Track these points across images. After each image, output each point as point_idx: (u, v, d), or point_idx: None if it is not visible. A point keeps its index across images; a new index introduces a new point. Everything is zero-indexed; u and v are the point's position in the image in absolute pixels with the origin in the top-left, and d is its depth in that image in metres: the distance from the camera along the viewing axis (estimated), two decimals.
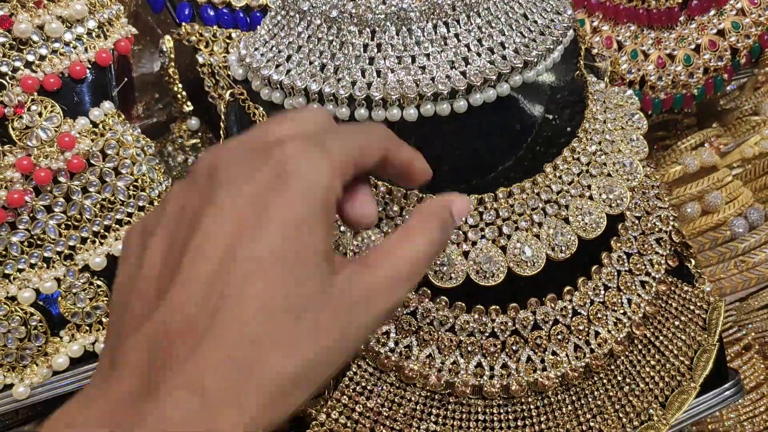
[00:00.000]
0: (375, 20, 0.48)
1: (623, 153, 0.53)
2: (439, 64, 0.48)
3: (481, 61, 0.48)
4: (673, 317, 0.54)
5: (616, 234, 0.52)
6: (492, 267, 0.48)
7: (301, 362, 0.30)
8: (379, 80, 0.47)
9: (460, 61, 0.48)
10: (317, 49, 0.49)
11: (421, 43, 0.48)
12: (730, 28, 0.74)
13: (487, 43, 0.49)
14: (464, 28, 0.48)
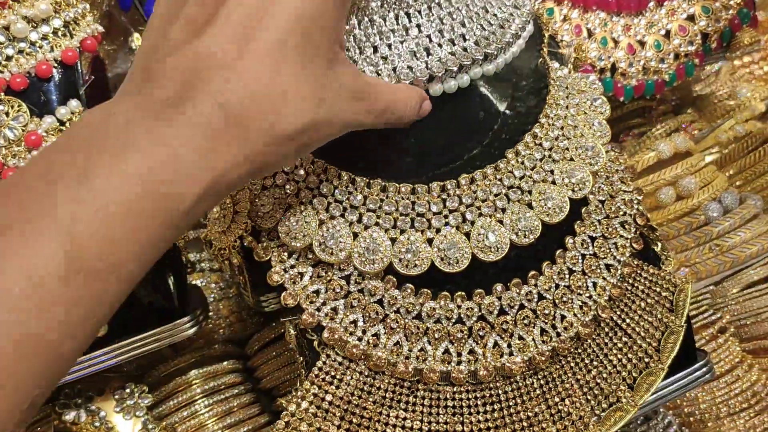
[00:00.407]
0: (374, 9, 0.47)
1: (585, 137, 0.53)
2: (400, 54, 0.48)
3: (442, 52, 0.48)
4: (639, 299, 0.54)
5: (580, 218, 0.52)
6: (456, 254, 0.48)
7: (303, 121, 0.36)
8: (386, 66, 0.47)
9: (422, 52, 0.48)
10: None
11: (382, 33, 0.48)
12: (700, 12, 0.74)
13: (448, 34, 0.49)
14: (425, 18, 0.48)
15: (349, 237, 0.48)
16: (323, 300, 0.49)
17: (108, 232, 0.31)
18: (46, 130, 0.55)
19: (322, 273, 0.50)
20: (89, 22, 0.59)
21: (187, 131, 0.33)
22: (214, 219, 0.51)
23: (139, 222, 0.32)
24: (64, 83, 0.57)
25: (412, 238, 0.48)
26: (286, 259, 0.50)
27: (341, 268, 0.49)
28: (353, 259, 0.48)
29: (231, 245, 0.51)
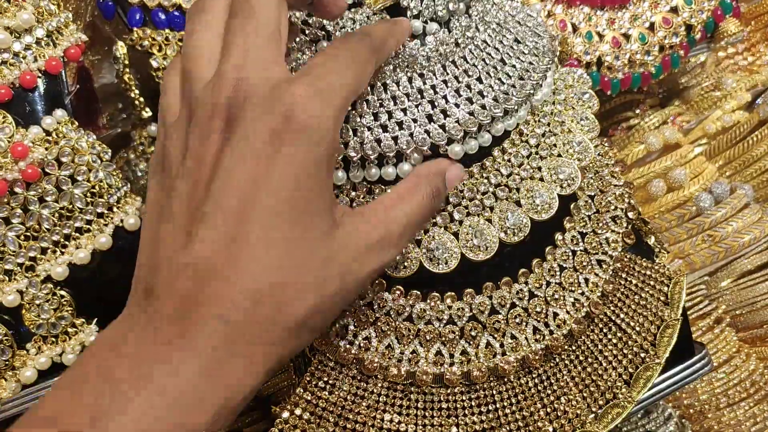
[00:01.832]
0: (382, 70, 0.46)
1: (573, 133, 0.51)
2: (416, 118, 0.46)
3: (459, 112, 0.46)
4: (633, 294, 0.52)
5: (569, 214, 0.50)
6: (445, 254, 0.46)
7: (307, 307, 0.34)
8: (356, 139, 0.45)
9: (439, 114, 0.46)
10: None
11: (397, 97, 0.46)
12: (683, 4, 0.72)
13: (465, 93, 0.47)
14: (440, 78, 0.47)
15: None
16: None
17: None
18: (32, 141, 0.53)
19: None
20: (72, 31, 0.57)
21: (194, 356, 0.32)
22: None
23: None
24: (49, 93, 0.55)
25: None
26: None
27: None
28: None
29: None
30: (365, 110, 0.46)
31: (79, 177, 0.54)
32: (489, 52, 0.49)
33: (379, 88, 0.46)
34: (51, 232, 0.53)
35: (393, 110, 0.46)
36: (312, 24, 0.48)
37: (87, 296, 0.55)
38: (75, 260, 0.54)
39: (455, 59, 0.47)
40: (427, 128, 0.46)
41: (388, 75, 0.46)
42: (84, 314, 0.55)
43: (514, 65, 0.49)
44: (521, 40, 0.51)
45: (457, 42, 0.48)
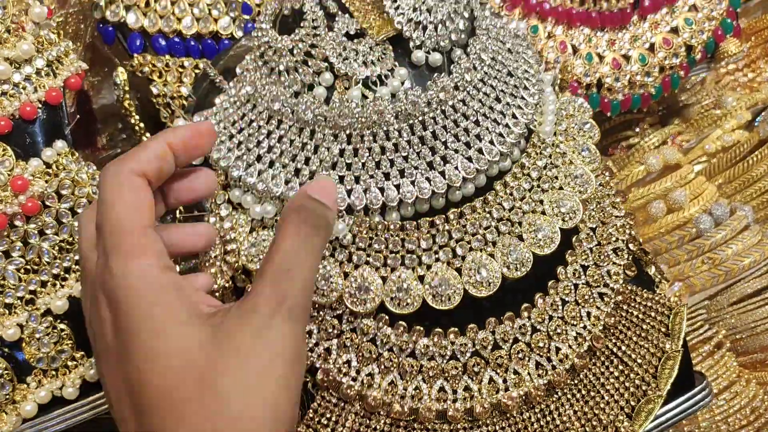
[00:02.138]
0: (350, 125, 0.46)
1: (575, 164, 0.51)
2: (418, 166, 0.47)
3: (459, 158, 0.47)
4: (634, 326, 0.52)
5: (571, 247, 0.50)
6: (448, 290, 0.46)
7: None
8: (359, 187, 0.46)
9: (439, 161, 0.47)
10: (290, 152, 0.47)
11: (399, 145, 0.47)
12: (683, 24, 0.72)
13: (464, 137, 0.48)
14: (441, 124, 0.47)
15: (339, 277, 0.47)
16: (316, 340, 0.47)
17: None
18: (32, 174, 0.53)
19: (314, 313, 0.48)
20: (73, 60, 0.57)
21: None
22: (206, 260, 0.49)
23: None
24: (49, 124, 0.55)
25: (403, 276, 0.47)
26: None
27: (333, 308, 0.48)
28: (345, 300, 0.46)
29: (222, 287, 0.49)
30: (368, 159, 0.46)
31: (80, 209, 0.54)
32: (486, 92, 0.49)
33: (381, 137, 0.46)
34: (51, 265, 0.53)
35: (395, 158, 0.46)
36: (315, 56, 0.48)
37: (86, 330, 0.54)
38: (75, 293, 0.54)
39: (455, 104, 0.47)
40: (428, 175, 0.46)
41: (390, 123, 0.46)
42: (84, 347, 0.54)
43: (508, 103, 0.49)
44: (513, 72, 0.51)
45: (457, 86, 0.48)
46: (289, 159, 0.47)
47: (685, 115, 0.84)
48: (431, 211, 0.48)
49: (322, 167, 0.47)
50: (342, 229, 0.46)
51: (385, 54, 0.49)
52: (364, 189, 0.46)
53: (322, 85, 0.48)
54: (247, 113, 0.50)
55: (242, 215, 0.49)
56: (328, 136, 0.47)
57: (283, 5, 0.49)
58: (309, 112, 0.46)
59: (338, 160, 0.47)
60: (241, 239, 0.49)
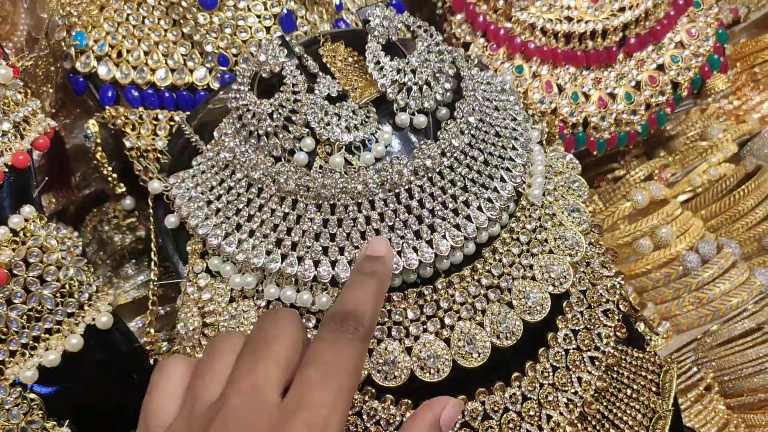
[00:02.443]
0: (334, 195, 0.45)
1: (565, 226, 0.50)
2: (404, 236, 0.45)
3: (444, 227, 0.45)
4: (625, 387, 0.51)
5: (562, 312, 0.49)
6: (437, 362, 0.45)
7: None
8: (344, 258, 0.44)
9: (426, 231, 0.45)
10: (271, 221, 0.45)
11: (384, 215, 0.45)
12: (670, 62, 0.71)
13: (451, 204, 0.46)
14: (427, 192, 0.46)
15: None
16: None
17: None
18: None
19: None
20: (41, 120, 0.54)
21: None
22: (183, 334, 0.47)
23: None
24: (16, 189, 0.52)
25: (390, 348, 0.45)
26: None
27: None
28: None
29: None
30: (352, 229, 0.45)
31: (48, 277, 0.52)
32: (473, 155, 0.48)
33: (366, 206, 0.45)
34: (19, 334, 0.51)
35: (380, 228, 0.45)
36: (296, 121, 0.46)
37: (58, 399, 0.52)
38: (45, 362, 0.52)
39: (441, 170, 0.46)
40: (415, 245, 0.45)
41: (375, 192, 0.45)
42: (55, 417, 0.52)
43: (496, 165, 0.48)
44: (500, 132, 0.50)
45: (444, 152, 0.46)
46: (270, 229, 0.46)
47: (670, 147, 0.83)
48: (419, 280, 0.46)
49: (305, 238, 0.45)
50: (326, 302, 0.45)
51: (368, 117, 0.47)
52: (349, 261, 0.44)
53: (303, 150, 0.46)
54: (225, 179, 0.48)
55: (222, 285, 0.47)
56: (310, 206, 0.45)
57: (261, 68, 0.47)
58: (291, 181, 0.45)
59: (322, 231, 0.45)
60: (220, 310, 0.47)
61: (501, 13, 0.68)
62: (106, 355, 0.54)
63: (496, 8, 0.68)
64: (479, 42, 0.68)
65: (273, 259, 0.45)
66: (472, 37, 0.69)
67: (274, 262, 0.45)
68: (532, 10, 0.68)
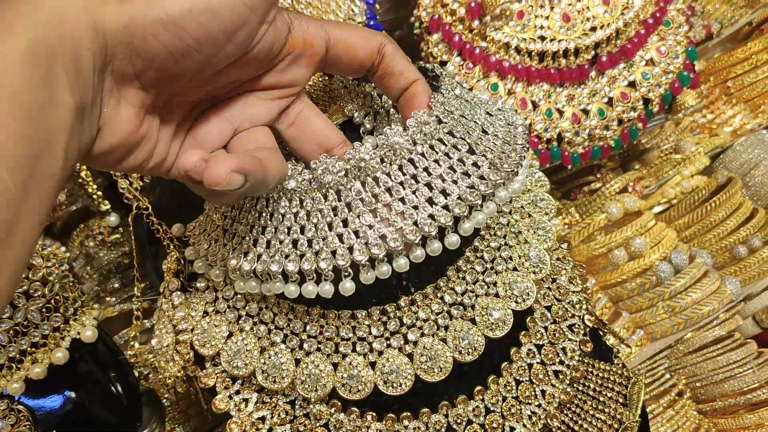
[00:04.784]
0: (336, 180, 0.40)
1: (530, 244, 0.48)
2: (417, 205, 0.40)
3: (460, 188, 0.41)
4: (591, 399, 0.49)
5: (525, 328, 0.48)
6: (399, 377, 0.44)
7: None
8: (360, 240, 0.40)
9: (438, 195, 0.41)
10: (283, 226, 0.41)
11: (391, 189, 0.41)
12: (641, 79, 0.69)
13: (460, 168, 0.41)
14: (432, 159, 0.41)
15: (291, 363, 0.44)
16: (269, 426, 0.45)
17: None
18: None
19: (267, 399, 0.45)
20: None
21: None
22: (158, 349, 0.46)
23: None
24: None
25: (354, 363, 0.44)
26: (230, 385, 0.46)
27: (286, 393, 0.45)
28: (296, 387, 0.44)
29: (174, 375, 0.46)
30: (361, 209, 0.40)
31: (34, 293, 0.51)
32: (471, 126, 0.44)
33: (370, 184, 0.41)
34: (6, 348, 0.50)
35: (390, 202, 0.40)
36: None
37: (44, 410, 0.51)
38: (31, 375, 0.51)
39: (441, 137, 0.43)
40: (431, 212, 0.40)
41: (377, 168, 0.41)
42: (42, 427, 0.51)
43: (497, 134, 0.45)
44: (493, 114, 0.47)
45: (440, 119, 0.43)
46: (284, 233, 0.41)
47: (645, 160, 0.81)
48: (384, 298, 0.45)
49: (318, 231, 0.41)
50: (350, 288, 0.41)
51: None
52: (365, 242, 0.40)
53: None
54: (227, 213, 0.45)
55: (195, 300, 0.46)
56: (317, 197, 0.41)
57: None
58: (291, 180, 0.40)
59: (333, 219, 0.41)
60: (192, 326, 0.46)
61: (476, 33, 0.67)
62: (91, 368, 0.53)
63: (472, 28, 0.67)
64: (455, 61, 0.67)
65: (291, 261, 0.41)
66: (449, 56, 0.67)
67: (292, 263, 0.41)
68: (506, 29, 0.66)
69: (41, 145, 0.28)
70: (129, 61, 0.32)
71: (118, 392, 0.54)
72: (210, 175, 0.31)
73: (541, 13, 0.67)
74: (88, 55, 0.30)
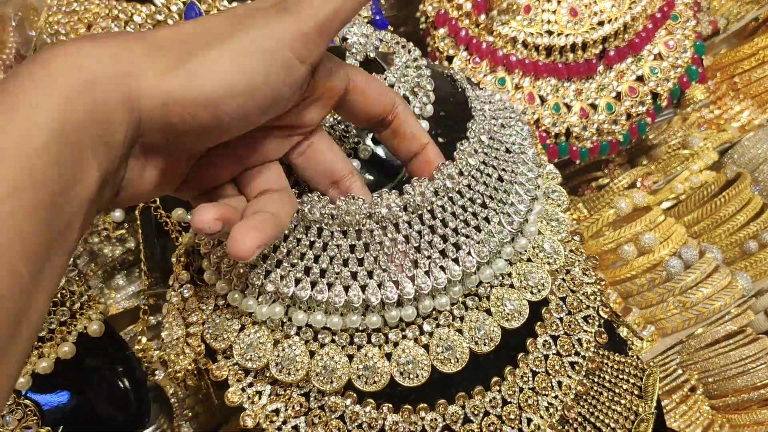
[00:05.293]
0: (358, 221, 0.43)
1: (544, 235, 0.49)
2: (430, 256, 0.44)
3: (469, 244, 0.44)
4: (606, 390, 0.50)
5: (541, 319, 0.48)
6: (416, 367, 0.44)
7: None
8: (373, 282, 0.43)
9: (451, 249, 0.44)
10: (297, 251, 0.44)
11: (409, 236, 0.44)
12: (649, 73, 0.70)
13: (473, 222, 0.45)
14: (449, 211, 0.45)
15: (305, 356, 0.44)
16: (283, 419, 0.45)
17: None
18: None
19: (281, 391, 0.46)
20: None
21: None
22: (168, 342, 0.47)
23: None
24: None
25: (370, 354, 0.44)
26: (243, 378, 0.46)
27: (300, 386, 0.45)
28: (311, 379, 0.44)
29: (185, 368, 0.46)
30: (379, 253, 0.44)
31: None
32: (488, 173, 0.47)
33: (391, 229, 0.44)
34: None
35: (407, 249, 0.44)
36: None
37: (52, 405, 0.52)
38: (38, 369, 0.51)
39: (461, 189, 0.45)
40: (442, 264, 0.44)
41: (398, 215, 0.44)
42: (50, 423, 0.52)
43: (510, 181, 0.48)
44: (510, 149, 0.50)
45: (461, 171, 0.45)
46: (297, 258, 0.44)
47: (653, 155, 0.82)
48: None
49: (333, 264, 0.44)
50: (356, 320, 0.44)
51: (347, 131, 0.47)
52: (378, 283, 0.44)
53: None
54: None
55: (205, 294, 0.47)
56: (336, 233, 0.44)
57: None
58: (315, 210, 0.44)
59: (349, 257, 0.44)
60: (203, 319, 0.46)
61: (483, 28, 0.68)
62: (98, 362, 0.53)
63: (478, 23, 0.68)
64: (462, 55, 0.68)
65: (303, 288, 0.43)
66: (455, 51, 0.68)
67: (303, 290, 0.44)
68: (513, 24, 0.67)
69: (61, 228, 0.28)
70: (161, 135, 0.32)
71: (125, 387, 0.54)
72: (235, 249, 0.33)
73: (548, 7, 0.68)
74: (121, 129, 0.29)
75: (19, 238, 0.25)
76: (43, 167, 0.26)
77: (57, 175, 0.26)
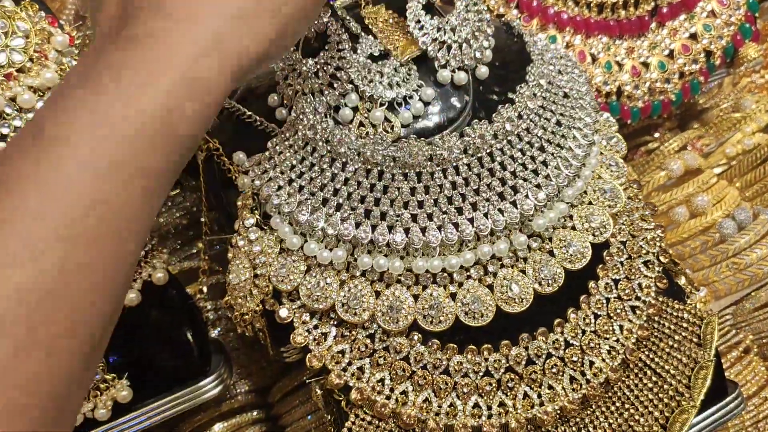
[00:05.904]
0: (420, 163, 0.46)
1: (603, 179, 0.51)
2: (489, 198, 0.47)
3: (527, 187, 0.47)
4: (666, 337, 0.52)
5: (602, 261, 0.50)
6: (480, 307, 0.47)
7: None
8: (433, 224, 0.46)
9: (509, 192, 0.47)
10: (358, 193, 0.47)
11: (469, 179, 0.47)
12: (702, 30, 0.72)
13: (531, 165, 0.48)
14: (508, 155, 0.48)
15: (371, 296, 0.47)
16: (349, 360, 0.48)
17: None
18: None
19: (346, 332, 0.48)
20: None
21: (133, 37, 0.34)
22: (234, 285, 0.49)
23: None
24: None
25: (435, 294, 0.47)
26: (308, 320, 0.48)
27: (365, 327, 0.48)
28: (377, 319, 0.47)
29: (252, 310, 0.49)
30: (439, 196, 0.46)
31: None
32: (547, 117, 0.49)
33: (451, 172, 0.46)
34: None
35: (466, 192, 0.46)
36: (341, 78, 0.48)
37: (117, 352, 0.54)
38: None
39: (519, 132, 0.48)
40: (500, 207, 0.46)
41: (459, 157, 0.46)
42: (115, 370, 0.54)
43: (569, 126, 0.50)
44: (568, 93, 0.52)
45: (521, 115, 0.48)
46: (357, 201, 0.47)
47: (704, 119, 0.84)
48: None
49: (393, 207, 0.46)
50: (422, 265, 0.47)
51: (410, 75, 0.49)
52: (438, 226, 0.46)
53: (348, 106, 0.48)
54: (306, 156, 0.48)
55: (271, 237, 0.49)
56: (397, 175, 0.47)
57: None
58: (378, 154, 0.46)
59: (410, 199, 0.46)
60: (270, 261, 0.49)
61: None
62: (162, 311, 0.56)
63: None
64: (513, 13, 0.70)
65: (363, 230, 0.46)
66: (506, 9, 0.70)
67: (364, 233, 0.46)
68: None
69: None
70: None
71: (187, 337, 0.57)
72: None
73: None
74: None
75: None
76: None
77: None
